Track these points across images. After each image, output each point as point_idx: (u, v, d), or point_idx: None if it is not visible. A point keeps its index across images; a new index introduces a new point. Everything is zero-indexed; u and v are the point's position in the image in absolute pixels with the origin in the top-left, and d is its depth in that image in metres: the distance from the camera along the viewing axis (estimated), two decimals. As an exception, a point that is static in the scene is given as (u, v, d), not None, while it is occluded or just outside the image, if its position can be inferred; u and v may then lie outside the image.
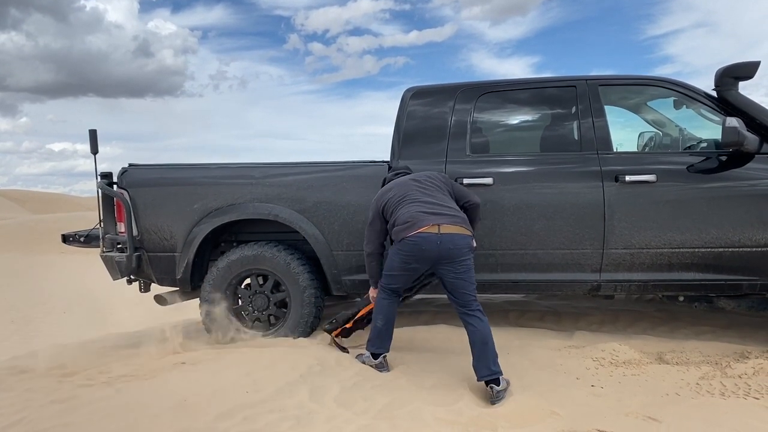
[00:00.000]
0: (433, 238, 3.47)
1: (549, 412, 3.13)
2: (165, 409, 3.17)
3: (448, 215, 3.57)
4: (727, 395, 3.31)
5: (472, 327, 3.49)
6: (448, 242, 3.48)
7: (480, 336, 3.45)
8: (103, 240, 4.67)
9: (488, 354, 3.41)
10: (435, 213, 3.56)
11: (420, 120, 4.45)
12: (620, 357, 3.88)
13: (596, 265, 4.14)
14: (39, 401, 3.48)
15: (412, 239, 3.52)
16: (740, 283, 4.04)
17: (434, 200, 3.66)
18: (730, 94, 4.08)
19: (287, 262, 4.44)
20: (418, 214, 3.56)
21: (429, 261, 3.56)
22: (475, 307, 3.53)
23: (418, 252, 3.53)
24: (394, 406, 3.20)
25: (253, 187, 4.47)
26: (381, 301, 3.83)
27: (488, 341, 3.44)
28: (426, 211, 3.57)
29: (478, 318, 3.50)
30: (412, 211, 3.60)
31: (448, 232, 3.49)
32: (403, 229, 3.56)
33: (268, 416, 3.06)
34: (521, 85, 4.46)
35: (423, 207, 3.61)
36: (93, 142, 4.60)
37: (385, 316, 3.82)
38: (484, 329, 3.47)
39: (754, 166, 3.96)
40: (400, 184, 3.81)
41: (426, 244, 3.49)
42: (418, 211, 3.58)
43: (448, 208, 3.63)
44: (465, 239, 3.54)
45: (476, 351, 3.45)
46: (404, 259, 3.63)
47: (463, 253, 3.52)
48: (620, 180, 4.03)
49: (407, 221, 3.56)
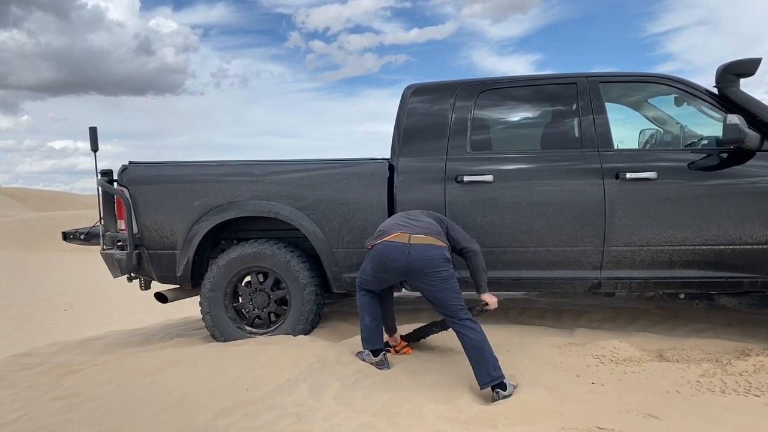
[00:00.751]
0: (401, 248, 3.45)
1: (549, 409, 3.13)
2: (165, 406, 3.17)
3: (419, 227, 3.56)
4: (728, 392, 3.31)
5: (465, 336, 3.43)
6: (417, 253, 3.44)
7: (473, 344, 3.40)
8: (104, 237, 4.68)
9: (486, 361, 3.35)
10: (407, 225, 3.58)
11: (420, 117, 4.44)
12: (621, 354, 3.88)
13: (597, 262, 4.13)
14: (39, 398, 3.49)
15: (379, 247, 3.54)
16: (741, 280, 4.03)
17: (413, 216, 3.71)
18: (731, 91, 4.07)
19: (287, 260, 4.44)
20: (390, 224, 3.63)
21: (398, 272, 3.55)
22: (463, 316, 3.47)
23: (386, 260, 3.52)
24: (394, 404, 3.20)
25: (254, 184, 4.47)
26: (360, 298, 3.84)
27: (483, 347, 3.38)
28: (398, 223, 3.62)
29: (470, 327, 3.44)
30: (387, 222, 3.70)
31: (418, 243, 3.46)
32: (374, 238, 3.62)
33: (268, 413, 3.06)
34: (522, 82, 4.45)
35: (397, 219, 3.68)
36: (93, 140, 4.60)
37: (370, 312, 3.83)
38: (477, 337, 3.41)
39: (755, 163, 3.95)
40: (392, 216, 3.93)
41: (394, 253, 3.47)
42: (391, 222, 3.66)
43: (424, 222, 3.62)
44: (438, 250, 3.47)
45: (473, 360, 3.41)
46: (374, 267, 3.65)
47: (435, 265, 3.44)
48: (621, 177, 4.03)
49: (379, 230, 3.64)
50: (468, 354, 3.44)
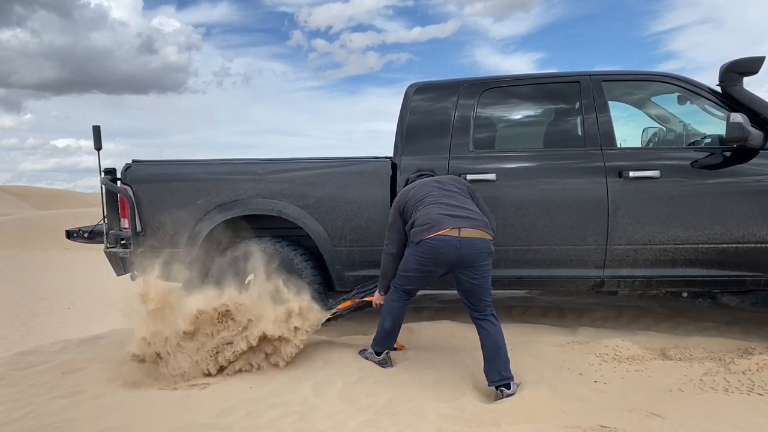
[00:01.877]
0: (453, 242, 3.34)
1: (552, 408, 3.13)
2: (169, 404, 3.18)
3: (469, 218, 3.43)
4: (731, 391, 3.31)
5: (486, 332, 3.41)
6: (468, 246, 3.35)
7: (493, 341, 3.38)
8: (107, 236, 4.68)
9: (500, 359, 3.34)
10: (456, 216, 3.42)
11: (423, 115, 4.44)
12: (623, 353, 3.87)
13: (600, 261, 4.13)
14: (43, 396, 3.50)
15: (431, 242, 3.38)
16: (744, 279, 4.03)
17: (455, 202, 3.54)
18: (735, 90, 4.07)
19: (290, 258, 4.45)
20: (438, 216, 3.42)
21: (447, 265, 3.44)
22: (489, 312, 3.45)
23: (437, 255, 3.40)
24: (397, 402, 3.20)
25: (257, 183, 4.47)
26: (392, 303, 3.74)
27: (501, 346, 3.37)
28: (446, 213, 3.44)
29: (492, 323, 3.42)
30: (432, 212, 3.46)
31: (468, 236, 3.36)
32: (422, 231, 3.42)
33: (271, 411, 3.07)
34: (525, 81, 4.44)
35: (443, 209, 3.47)
36: (96, 138, 4.61)
37: (394, 317, 3.75)
38: (497, 334, 3.39)
39: (758, 161, 3.95)
40: (421, 184, 3.70)
41: (445, 247, 3.36)
42: (438, 213, 3.44)
43: (469, 211, 3.50)
44: (485, 243, 3.42)
45: (488, 356, 3.38)
46: (421, 261, 3.49)
47: (482, 258, 3.40)
48: (624, 176, 4.02)
49: (426, 223, 3.43)
50: (484, 349, 3.41)
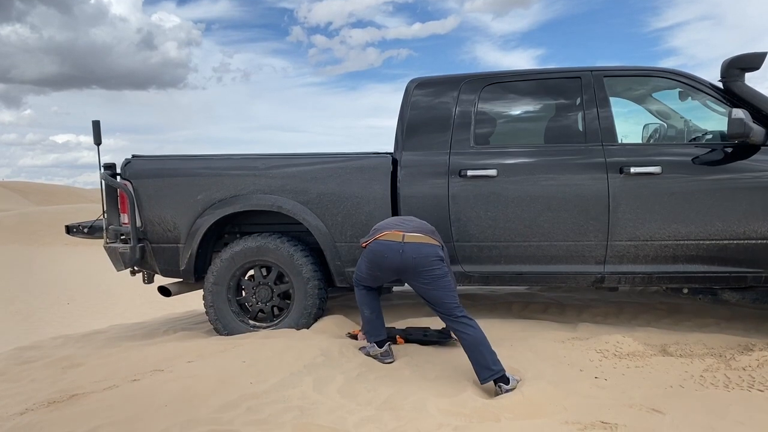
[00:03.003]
0: (395, 246, 3.46)
1: (553, 403, 3.13)
2: (169, 399, 3.18)
3: (414, 226, 3.58)
4: (731, 387, 3.31)
5: (462, 334, 3.43)
6: (411, 251, 3.44)
7: (472, 341, 3.39)
8: (107, 231, 4.68)
9: (484, 356, 3.35)
10: (400, 224, 3.61)
11: (424, 111, 4.43)
12: (624, 349, 3.88)
13: (600, 257, 4.13)
14: (44, 391, 3.50)
15: (373, 245, 3.56)
16: (745, 275, 4.03)
17: (407, 218, 3.74)
18: (736, 86, 4.06)
19: (291, 254, 4.44)
20: (384, 224, 3.66)
21: (392, 270, 3.56)
22: (459, 313, 3.46)
23: (380, 259, 3.53)
24: (398, 397, 3.20)
25: (257, 178, 4.47)
26: (359, 293, 3.86)
27: (481, 343, 3.38)
28: (392, 222, 3.66)
29: (466, 324, 3.43)
30: (381, 222, 3.73)
31: (412, 241, 3.47)
32: (368, 237, 3.65)
33: (272, 407, 3.07)
34: (526, 76, 4.43)
35: (392, 220, 3.71)
36: (96, 134, 4.60)
37: (369, 305, 3.85)
38: (474, 333, 3.40)
39: (759, 157, 3.94)
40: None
41: (388, 251, 3.48)
42: (385, 222, 3.69)
43: (416, 222, 3.65)
44: (431, 248, 3.49)
45: (472, 356, 3.40)
46: (368, 266, 3.67)
47: (429, 263, 3.44)
48: (625, 172, 4.02)
49: (373, 229, 3.66)
50: (467, 351, 3.43)
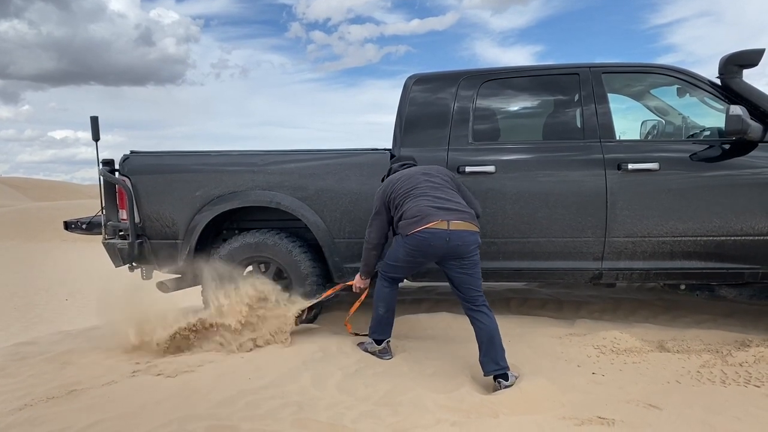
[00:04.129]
0: (442, 234, 3.42)
1: (550, 399, 3.15)
2: (168, 394, 3.19)
3: (457, 210, 3.50)
4: (728, 383, 3.33)
5: (479, 323, 3.46)
6: (456, 239, 3.43)
7: (487, 332, 3.42)
8: (105, 227, 4.68)
9: (495, 350, 3.38)
10: (444, 208, 3.49)
11: (422, 107, 4.43)
12: (621, 345, 3.89)
13: (598, 253, 4.14)
14: (43, 387, 3.51)
15: (421, 234, 3.45)
16: (742, 271, 4.04)
17: (443, 195, 3.58)
18: (734, 82, 4.06)
19: (289, 250, 4.45)
20: (428, 209, 3.48)
21: (435, 256, 3.53)
22: (481, 302, 3.50)
23: (426, 247, 3.48)
24: (396, 393, 3.22)
25: (255, 174, 4.47)
26: (382, 289, 3.81)
27: (495, 337, 3.41)
28: (435, 206, 3.49)
29: (485, 314, 3.47)
30: (421, 205, 3.51)
31: (457, 229, 3.43)
32: (411, 224, 3.48)
33: (271, 402, 3.08)
34: (524, 73, 4.43)
35: (432, 201, 3.52)
36: (95, 130, 4.59)
37: (387, 303, 3.82)
38: (491, 325, 3.44)
39: (757, 154, 3.94)
40: (408, 175, 3.73)
41: (435, 239, 3.43)
42: (427, 206, 3.49)
43: (457, 203, 3.56)
44: (473, 236, 3.49)
45: (483, 347, 3.42)
46: (411, 252, 3.56)
47: (470, 250, 3.47)
48: (623, 168, 4.02)
49: (416, 215, 3.48)
50: (479, 340, 3.45)
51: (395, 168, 3.96)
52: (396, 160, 4.08)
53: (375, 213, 3.79)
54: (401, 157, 4.12)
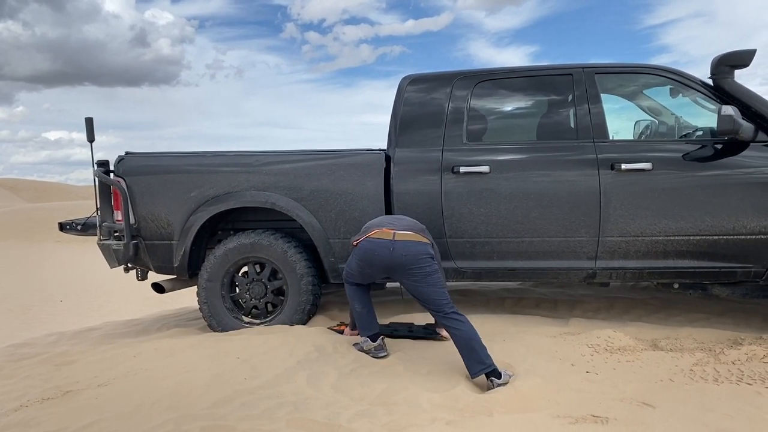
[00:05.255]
0: (385, 244, 3.50)
1: (545, 398, 3.16)
2: (164, 395, 3.19)
3: (404, 224, 3.62)
4: (721, 381, 3.34)
5: (454, 330, 3.47)
6: (401, 249, 3.49)
7: (463, 337, 3.43)
8: (100, 228, 4.67)
9: (476, 351, 3.39)
10: (390, 222, 3.65)
11: (417, 107, 4.45)
12: (615, 344, 3.91)
13: (592, 252, 4.16)
14: (38, 388, 3.50)
15: (364, 243, 3.59)
16: (734, 270, 4.07)
17: (396, 217, 3.78)
18: (726, 83, 4.09)
19: (284, 250, 4.46)
20: (375, 222, 3.69)
21: (383, 268, 3.60)
22: (449, 309, 3.50)
23: (371, 257, 3.57)
24: (391, 392, 3.22)
25: (250, 175, 4.47)
26: (348, 289, 3.89)
27: (473, 339, 3.41)
28: (384, 221, 3.68)
29: (456, 320, 3.47)
30: (373, 221, 3.74)
31: (402, 239, 3.51)
32: (360, 234, 3.68)
33: (266, 402, 3.08)
34: (518, 73, 4.45)
35: (383, 219, 3.74)
36: (89, 131, 4.59)
37: (360, 300, 3.88)
38: (465, 328, 3.44)
39: (749, 154, 3.97)
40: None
41: (378, 249, 3.52)
42: (375, 221, 3.71)
43: (408, 220, 3.70)
44: (421, 246, 3.53)
45: (463, 351, 3.44)
46: (359, 263, 3.69)
47: (418, 261, 3.49)
48: (616, 168, 4.05)
49: (364, 228, 3.69)
50: (458, 346, 3.47)
51: None
52: None
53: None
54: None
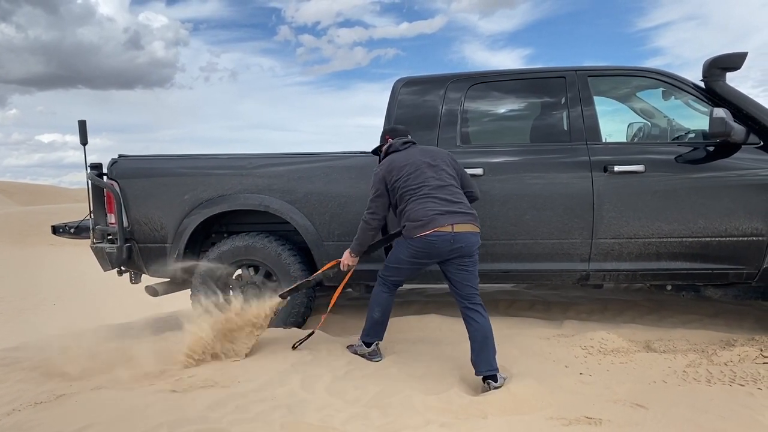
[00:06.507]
0: (446, 237, 3.44)
1: (538, 399, 3.16)
2: (158, 398, 3.18)
3: (461, 213, 3.51)
4: (713, 382, 3.36)
5: (474, 322, 3.46)
6: (460, 240, 3.45)
7: (481, 332, 3.43)
8: (94, 231, 4.66)
9: (488, 350, 3.39)
10: (450, 212, 3.47)
11: (410, 110, 4.45)
12: (608, 345, 3.92)
13: (585, 254, 4.17)
14: (31, 392, 3.49)
15: (427, 238, 3.45)
16: (727, 272, 4.09)
17: (448, 196, 3.54)
18: (718, 85, 4.11)
19: (278, 253, 4.45)
20: (434, 215, 3.46)
21: (439, 258, 3.54)
22: (477, 301, 3.51)
23: (431, 249, 3.49)
24: (385, 395, 3.22)
25: (244, 177, 4.47)
26: (380, 294, 3.78)
27: (489, 337, 3.42)
28: (441, 210, 3.47)
29: (480, 313, 3.48)
30: (427, 207, 3.48)
31: (460, 231, 3.46)
32: (418, 227, 3.47)
33: (260, 405, 3.08)
34: (511, 76, 4.47)
35: (438, 204, 3.49)
36: (82, 133, 4.58)
37: (383, 308, 3.80)
38: (485, 324, 3.45)
39: (740, 156, 4.00)
40: (413, 165, 3.62)
41: (440, 242, 3.45)
42: (433, 209, 3.47)
43: (460, 205, 3.55)
44: (475, 236, 3.53)
45: (476, 346, 3.43)
46: (414, 254, 3.56)
47: (472, 251, 3.51)
48: (609, 170, 4.06)
49: (421, 219, 3.46)
50: (473, 339, 3.45)
51: (396, 145, 3.80)
52: (393, 131, 3.92)
53: (376, 195, 3.67)
54: (398, 130, 3.94)
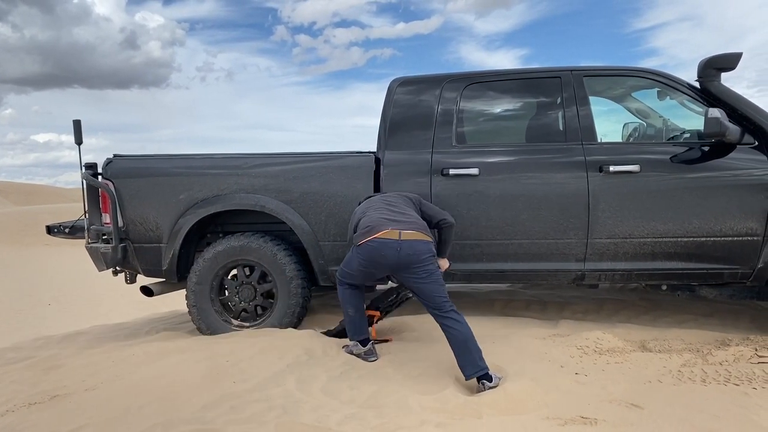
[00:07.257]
0: (392, 244, 3.46)
1: (534, 399, 3.16)
2: (152, 398, 3.18)
3: (408, 222, 3.57)
4: (708, 382, 3.37)
5: (451, 329, 3.46)
6: (407, 248, 3.46)
7: (460, 337, 3.42)
8: (89, 231, 4.65)
9: (471, 352, 3.38)
10: (395, 220, 3.57)
11: (406, 109, 4.45)
12: (604, 345, 3.93)
13: (581, 254, 4.18)
14: (26, 392, 3.48)
15: (370, 244, 3.52)
16: (722, 271, 4.10)
17: (396, 209, 3.69)
18: (713, 85, 4.12)
19: (274, 253, 4.44)
20: (378, 220, 3.58)
21: (387, 267, 3.57)
22: (448, 308, 3.49)
23: (377, 257, 3.52)
24: (381, 395, 3.22)
25: (240, 177, 4.46)
26: (343, 292, 3.84)
27: (468, 340, 3.41)
28: (386, 218, 3.59)
29: (454, 319, 3.47)
30: (373, 217, 3.62)
31: (408, 239, 3.48)
32: (363, 234, 3.56)
33: (255, 405, 3.08)
34: (507, 76, 4.47)
35: (384, 214, 3.63)
36: (77, 133, 4.57)
37: (353, 304, 3.85)
38: (462, 329, 3.44)
39: (735, 156, 4.01)
40: (368, 200, 3.90)
41: (385, 249, 3.48)
42: (378, 217, 3.60)
43: (408, 216, 3.64)
44: (425, 245, 3.52)
45: (458, 351, 3.42)
46: (362, 263, 3.62)
47: (422, 260, 3.48)
48: (604, 170, 4.07)
49: (367, 226, 3.57)
50: (453, 346, 3.45)
51: (361, 201, 4.04)
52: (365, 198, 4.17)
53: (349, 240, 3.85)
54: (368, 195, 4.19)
